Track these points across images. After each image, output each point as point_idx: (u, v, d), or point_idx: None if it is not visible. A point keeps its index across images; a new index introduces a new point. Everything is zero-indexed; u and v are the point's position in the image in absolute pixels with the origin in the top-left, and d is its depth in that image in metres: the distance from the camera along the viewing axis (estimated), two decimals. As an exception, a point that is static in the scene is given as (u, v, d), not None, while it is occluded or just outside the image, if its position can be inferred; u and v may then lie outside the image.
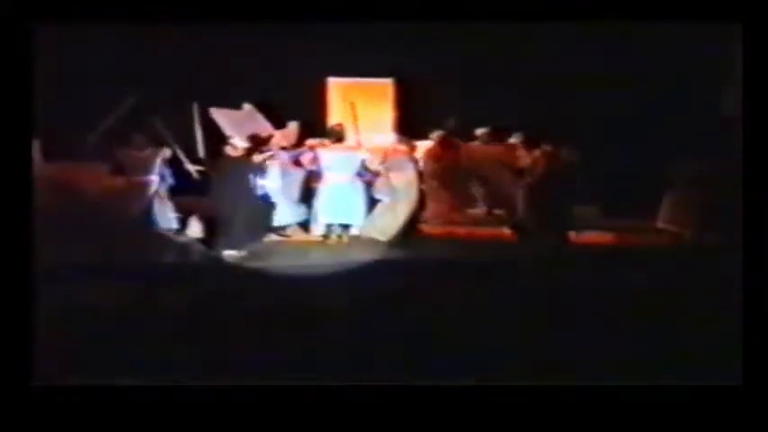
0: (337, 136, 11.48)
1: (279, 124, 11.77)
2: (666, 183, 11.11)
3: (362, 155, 11.40)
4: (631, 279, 8.81)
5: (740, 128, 6.19)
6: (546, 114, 11.75)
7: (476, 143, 12.26)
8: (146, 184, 10.86)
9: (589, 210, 11.88)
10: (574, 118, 11.78)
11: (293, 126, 11.80)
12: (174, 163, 11.02)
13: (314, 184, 11.37)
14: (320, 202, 11.25)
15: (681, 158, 10.94)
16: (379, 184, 11.37)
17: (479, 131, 12.16)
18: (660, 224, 11.12)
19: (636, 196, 10.96)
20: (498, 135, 12.11)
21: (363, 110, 12.01)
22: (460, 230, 11.60)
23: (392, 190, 11.18)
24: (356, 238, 11.17)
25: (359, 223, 11.27)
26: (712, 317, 7.08)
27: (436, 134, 12.01)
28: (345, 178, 11.23)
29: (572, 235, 10.96)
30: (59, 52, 10.14)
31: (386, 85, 12.72)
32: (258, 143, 10.74)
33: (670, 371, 6.06)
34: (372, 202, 11.35)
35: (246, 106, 11.80)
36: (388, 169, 11.27)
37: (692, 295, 8.07)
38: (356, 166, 11.25)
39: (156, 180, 10.94)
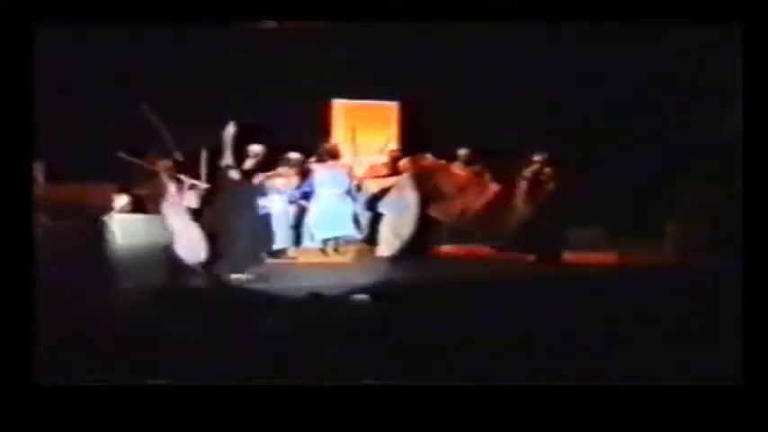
0: (331, 154, 11.53)
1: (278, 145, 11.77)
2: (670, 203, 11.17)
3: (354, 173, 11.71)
4: (633, 288, 8.80)
5: (742, 146, 6.21)
6: (547, 133, 11.80)
7: (457, 164, 12.20)
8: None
9: (591, 230, 11.98)
10: (575, 136, 11.81)
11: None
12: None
13: (305, 203, 11.58)
14: (312, 218, 11.43)
15: (683, 178, 10.99)
16: (390, 198, 11.48)
17: (461, 152, 12.06)
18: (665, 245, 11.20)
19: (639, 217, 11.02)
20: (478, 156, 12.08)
21: (368, 131, 12.34)
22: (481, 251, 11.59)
23: (404, 206, 11.29)
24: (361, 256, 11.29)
25: (349, 234, 11.45)
26: (712, 317, 7.09)
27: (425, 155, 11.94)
28: (336, 193, 11.44)
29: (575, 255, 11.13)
30: (59, 52, 10.12)
31: (390, 107, 12.75)
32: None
33: (670, 371, 6.06)
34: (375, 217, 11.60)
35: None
36: (402, 185, 11.39)
37: (692, 296, 8.08)
38: (346, 182, 11.49)
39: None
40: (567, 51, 11.87)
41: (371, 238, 11.73)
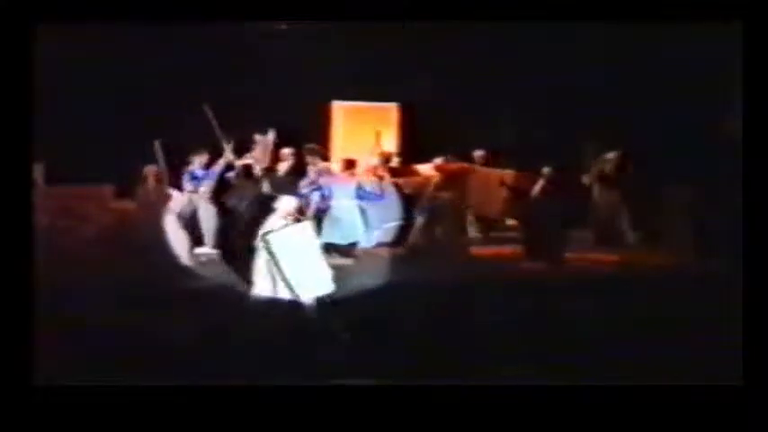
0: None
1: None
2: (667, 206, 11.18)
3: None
4: (633, 288, 8.79)
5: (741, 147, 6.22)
6: (549, 136, 11.80)
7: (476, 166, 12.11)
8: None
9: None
10: (574, 136, 11.82)
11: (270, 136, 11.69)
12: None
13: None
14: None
15: (681, 182, 10.99)
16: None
17: (477, 153, 12.02)
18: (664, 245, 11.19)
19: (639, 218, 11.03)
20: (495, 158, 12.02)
21: (366, 132, 12.21)
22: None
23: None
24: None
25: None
26: (713, 318, 7.09)
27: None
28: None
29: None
30: (59, 52, 10.13)
31: (390, 108, 12.70)
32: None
33: (670, 371, 6.06)
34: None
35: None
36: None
37: (692, 296, 8.08)
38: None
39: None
40: (565, 51, 11.86)
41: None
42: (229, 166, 10.88)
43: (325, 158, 11.64)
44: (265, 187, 10.35)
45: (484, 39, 11.58)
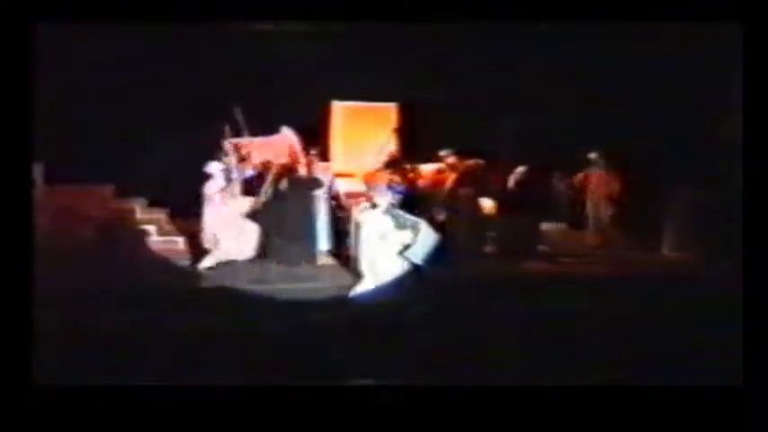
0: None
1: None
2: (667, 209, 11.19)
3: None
4: (634, 289, 8.79)
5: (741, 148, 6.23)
6: (546, 134, 11.80)
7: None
8: None
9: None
10: (574, 136, 11.82)
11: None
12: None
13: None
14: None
15: (681, 183, 11.00)
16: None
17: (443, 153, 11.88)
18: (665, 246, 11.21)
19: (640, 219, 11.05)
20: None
21: (367, 133, 12.19)
22: None
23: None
24: None
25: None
26: (712, 318, 7.10)
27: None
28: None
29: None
30: (59, 52, 10.12)
31: (389, 108, 12.67)
32: None
33: (670, 371, 6.07)
34: None
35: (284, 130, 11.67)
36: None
37: (692, 296, 8.09)
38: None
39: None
40: (565, 51, 11.87)
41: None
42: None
43: (325, 159, 11.65)
44: (283, 185, 10.36)
45: (484, 39, 11.58)
